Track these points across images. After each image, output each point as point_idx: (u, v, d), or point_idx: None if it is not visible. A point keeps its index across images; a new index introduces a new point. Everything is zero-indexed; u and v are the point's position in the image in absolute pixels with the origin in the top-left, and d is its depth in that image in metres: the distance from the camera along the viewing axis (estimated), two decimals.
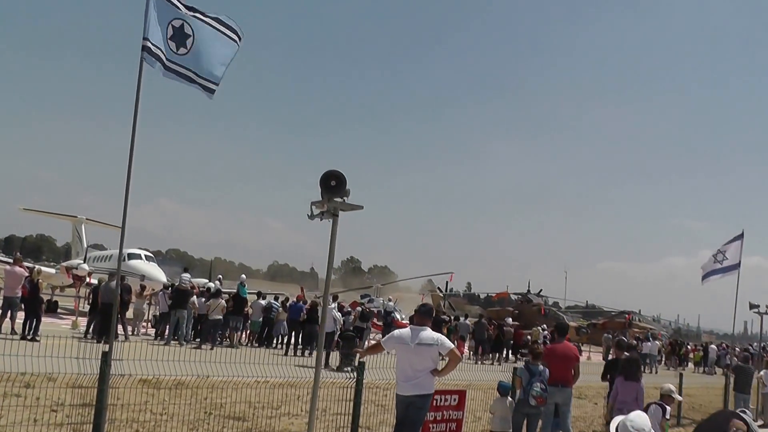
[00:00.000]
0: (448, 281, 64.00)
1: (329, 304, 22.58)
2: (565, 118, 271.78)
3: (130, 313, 24.85)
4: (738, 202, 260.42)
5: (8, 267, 20.49)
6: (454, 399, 10.51)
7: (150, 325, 27.87)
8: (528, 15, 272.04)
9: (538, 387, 10.08)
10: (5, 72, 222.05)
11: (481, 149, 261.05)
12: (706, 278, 21.61)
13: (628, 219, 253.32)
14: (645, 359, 39.83)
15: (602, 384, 18.02)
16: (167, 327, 24.06)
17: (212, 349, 22.13)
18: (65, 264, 34.03)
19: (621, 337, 22.48)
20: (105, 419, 7.31)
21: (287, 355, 23.39)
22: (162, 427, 9.59)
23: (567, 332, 12.51)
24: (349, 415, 9.76)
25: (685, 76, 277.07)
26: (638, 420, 3.97)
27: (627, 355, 13.06)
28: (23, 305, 20.25)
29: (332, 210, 8.24)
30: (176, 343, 22.88)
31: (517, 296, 76.98)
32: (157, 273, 30.02)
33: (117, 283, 8.22)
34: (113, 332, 7.54)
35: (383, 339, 9.30)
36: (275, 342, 27.01)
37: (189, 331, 24.40)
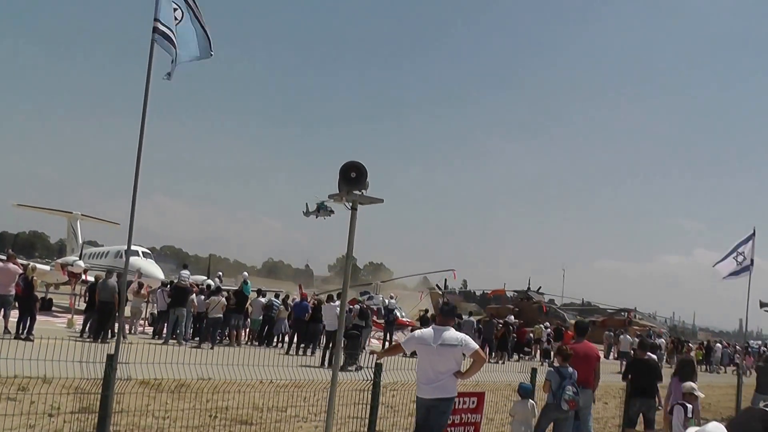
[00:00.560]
0: (448, 279, 63.45)
1: (332, 302, 22.20)
2: (563, 117, 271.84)
3: (128, 311, 24.27)
4: (734, 201, 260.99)
5: (1, 264, 19.81)
6: (473, 401, 10.11)
7: (147, 324, 27.35)
8: (529, 14, 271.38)
9: (571, 391, 9.60)
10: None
11: (479, 147, 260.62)
12: (728, 278, 21.20)
13: (624, 217, 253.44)
14: None
15: (611, 383, 17.71)
16: (165, 325, 23.55)
17: (212, 349, 21.64)
18: (60, 261, 33.31)
19: (644, 337, 22.01)
20: (110, 429, 6.77)
21: (289, 355, 22.86)
22: None
23: (587, 331, 12.04)
24: (365, 419, 9.28)
25: (684, 76, 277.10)
26: None
27: (649, 356, 12.64)
28: (17, 303, 19.64)
29: (351, 203, 7.70)
30: (175, 342, 22.33)
31: (513, 293, 76.69)
32: (155, 270, 29.43)
33: (124, 281, 7.64)
34: (120, 333, 6.99)
35: (404, 340, 8.80)
36: (275, 341, 26.58)
37: (188, 330, 23.87)
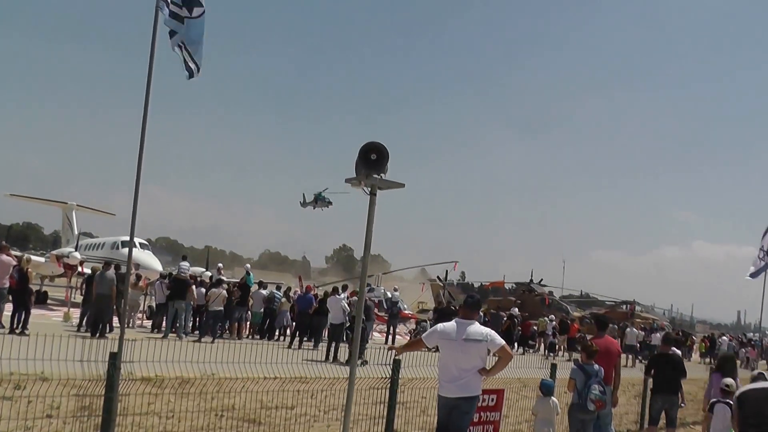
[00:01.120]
0: (449, 270, 62.95)
1: (338, 294, 21.66)
2: (562, 111, 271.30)
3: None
4: (730, 193, 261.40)
5: None
6: (492, 399, 9.64)
7: (145, 317, 26.80)
8: (525, 10, 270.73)
9: (597, 389, 9.05)
10: None
11: (478, 140, 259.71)
12: (757, 275, 20.91)
13: (622, 209, 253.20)
14: (653, 350, 39.07)
15: (624, 377, 17.15)
16: (164, 319, 22.99)
17: (213, 343, 21.11)
18: (55, 252, 32.77)
19: (668, 332, 21.57)
20: None
21: (291, 348, 22.36)
22: None
23: (608, 326, 11.53)
24: (382, 419, 8.76)
25: (679, 71, 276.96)
26: None
27: (674, 351, 12.12)
28: (11, 296, 18.99)
29: (370, 187, 7.14)
30: (174, 336, 21.81)
31: (512, 285, 76.14)
32: (153, 262, 28.81)
33: (128, 274, 7.08)
34: (123, 329, 6.39)
35: (425, 334, 8.21)
36: (277, 334, 26.08)
37: (188, 324, 23.34)
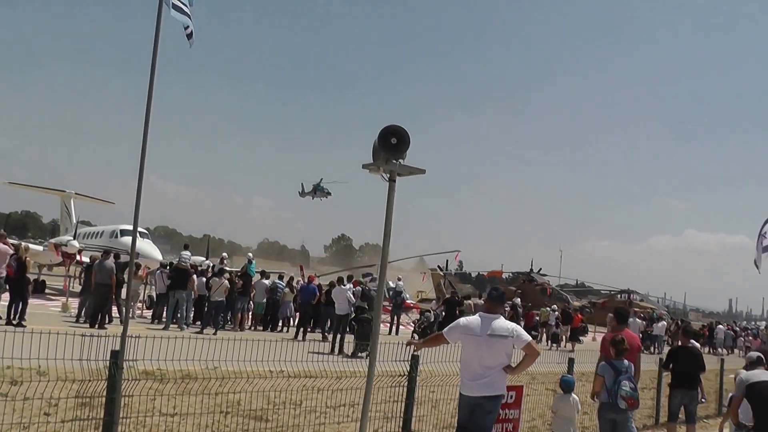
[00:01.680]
0: (449, 260, 62.56)
1: (344, 285, 21.24)
2: (555, 97, 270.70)
3: (125, 294, 23.27)
4: (722, 182, 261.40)
5: None
6: (511, 396, 9.15)
7: (145, 306, 26.38)
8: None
9: (628, 386, 8.51)
10: None
11: (468, 127, 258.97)
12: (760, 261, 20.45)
13: (614, 197, 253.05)
14: (654, 340, 38.83)
15: None
16: (165, 309, 22.59)
17: (215, 334, 20.71)
18: (54, 240, 32.31)
19: (687, 323, 21.14)
20: None
21: (297, 340, 21.97)
22: None
23: (628, 319, 11.08)
24: (398, 418, 8.35)
25: (675, 56, 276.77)
26: None
27: (693, 344, 11.67)
28: (8, 286, 18.48)
29: (389, 174, 6.69)
30: (175, 327, 21.45)
31: (509, 275, 75.81)
32: (153, 251, 28.33)
33: (131, 266, 6.61)
34: (126, 326, 5.94)
35: (446, 329, 7.73)
36: (280, 325, 25.67)
37: (189, 314, 22.89)
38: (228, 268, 26.16)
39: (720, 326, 48.00)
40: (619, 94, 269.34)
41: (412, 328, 29.64)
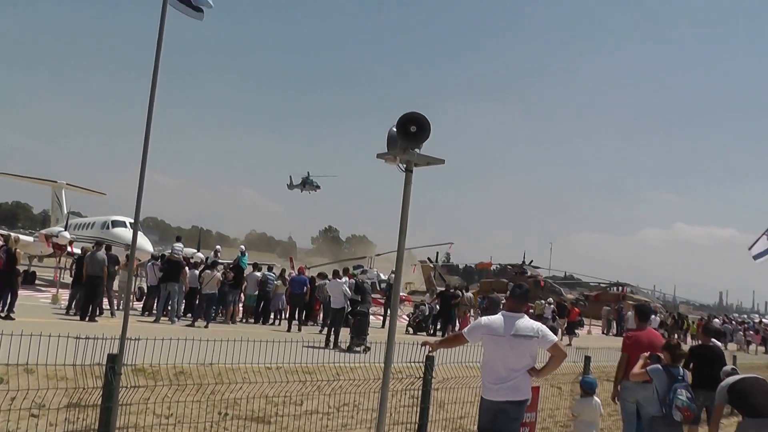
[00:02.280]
0: (439, 252, 62.26)
1: (339, 278, 20.77)
2: (542, 88, 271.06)
3: (115, 286, 22.78)
4: (713, 175, 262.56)
5: None
6: None
7: (135, 298, 25.89)
8: None
9: (684, 395, 7.55)
10: None
11: (459, 119, 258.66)
12: (760, 257, 20.05)
13: (604, 191, 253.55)
14: None
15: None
16: (156, 302, 22.18)
17: (207, 327, 20.27)
18: (44, 231, 31.83)
19: (708, 321, 20.76)
20: None
21: (290, 332, 21.56)
22: None
23: (650, 316, 10.63)
24: (413, 424, 7.92)
25: (662, 53, 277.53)
26: None
27: (714, 343, 11.16)
28: None
29: (406, 164, 6.25)
30: (166, 320, 21.05)
31: (496, 266, 75.53)
32: (144, 242, 27.77)
33: (131, 259, 6.14)
34: (125, 330, 5.46)
35: (466, 328, 7.28)
36: (272, 318, 25.26)
37: (180, 307, 22.44)
38: (221, 261, 25.81)
39: (716, 319, 47.68)
40: (610, 90, 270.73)
41: (406, 322, 29.18)
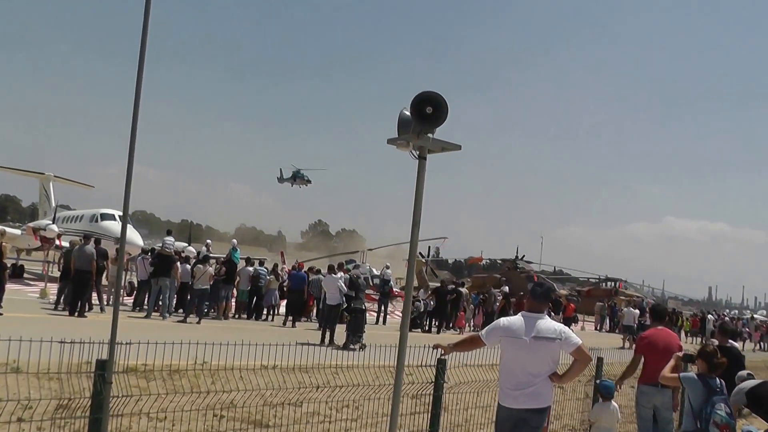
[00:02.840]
0: (430, 247, 61.79)
1: (335, 273, 20.33)
2: (529, 85, 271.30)
3: (105, 280, 22.30)
4: (704, 168, 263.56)
5: None
6: None
7: (125, 293, 25.36)
8: None
9: (724, 410, 6.73)
10: None
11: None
12: None
13: (593, 184, 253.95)
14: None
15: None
16: (147, 297, 21.72)
17: (199, 323, 19.79)
18: (32, 224, 31.32)
19: (724, 321, 20.32)
20: None
21: (286, 327, 21.14)
22: None
23: (665, 317, 10.16)
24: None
25: (652, 42, 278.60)
26: None
27: (731, 344, 10.63)
28: None
29: (419, 150, 5.77)
30: (157, 316, 20.56)
31: (486, 261, 75.12)
32: (134, 236, 27.19)
33: (121, 254, 5.65)
34: (115, 326, 4.96)
35: (484, 330, 6.75)
36: (265, 314, 24.85)
37: (172, 302, 21.98)
38: (212, 255, 25.34)
39: (710, 315, 47.42)
40: (600, 82, 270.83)
41: (401, 319, 28.72)
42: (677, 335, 9.92)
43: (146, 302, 21.67)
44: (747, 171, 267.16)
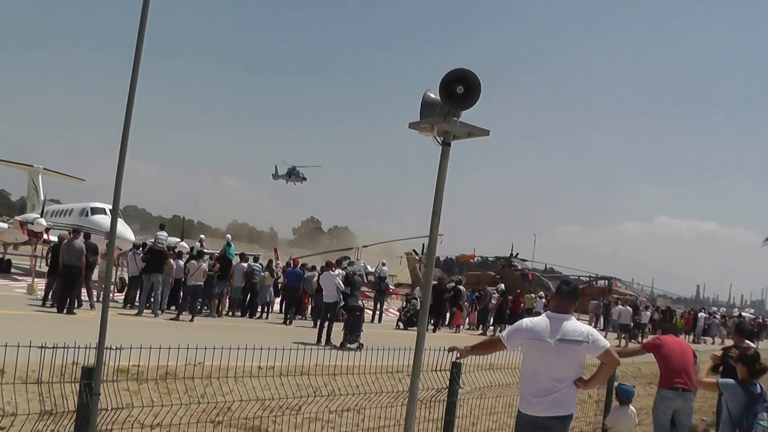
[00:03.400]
0: (424, 244, 61.10)
1: (332, 270, 19.80)
2: (523, 85, 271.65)
3: (95, 276, 21.73)
4: (696, 169, 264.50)
5: None
6: None
7: (116, 289, 24.78)
8: None
9: (766, 420, 6.21)
10: None
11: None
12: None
13: (586, 183, 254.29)
14: (643, 329, 37.99)
15: (637, 362, 15.30)
16: (138, 293, 21.17)
17: (192, 321, 19.25)
18: (19, 218, 30.61)
19: (741, 320, 19.87)
20: None
21: (285, 324, 20.66)
22: None
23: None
24: None
25: (648, 44, 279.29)
26: None
27: (748, 344, 10.22)
28: None
29: (444, 135, 5.23)
30: (149, 313, 20.00)
31: (479, 258, 74.72)
32: (126, 231, 26.59)
33: (111, 249, 5.10)
34: (104, 330, 4.43)
35: (505, 332, 6.23)
36: (260, 311, 24.31)
37: (164, 299, 21.41)
38: (206, 251, 24.77)
39: (701, 313, 47.11)
40: (594, 83, 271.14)
41: (397, 316, 28.24)
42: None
43: (138, 299, 21.15)
44: (738, 172, 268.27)
